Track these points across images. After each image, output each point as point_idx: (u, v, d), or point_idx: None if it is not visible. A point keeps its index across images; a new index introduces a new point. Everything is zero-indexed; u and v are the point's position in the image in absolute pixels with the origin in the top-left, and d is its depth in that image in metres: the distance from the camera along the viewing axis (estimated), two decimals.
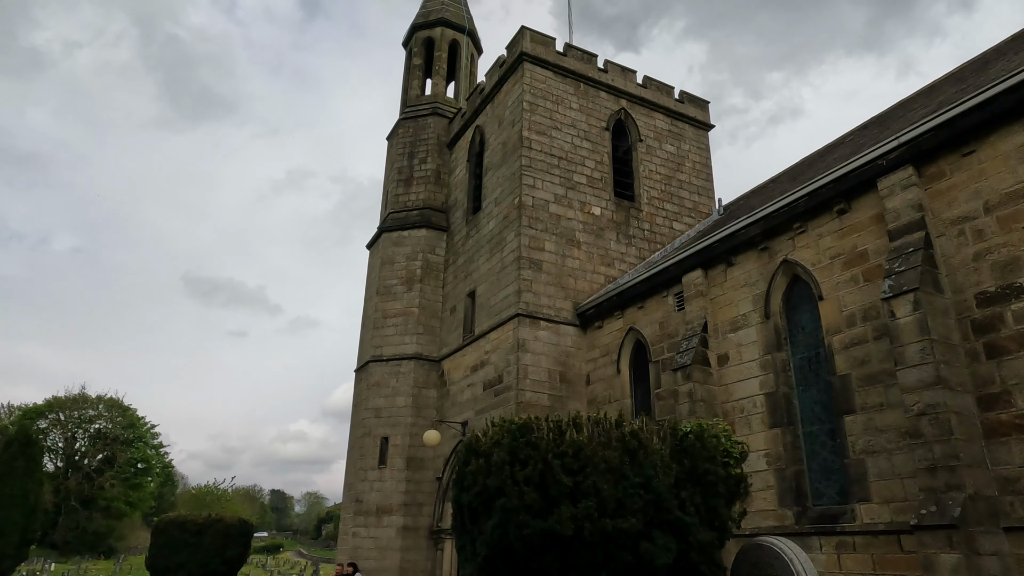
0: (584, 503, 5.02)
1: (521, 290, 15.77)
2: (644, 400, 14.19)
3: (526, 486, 5.19)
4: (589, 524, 4.96)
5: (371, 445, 18.50)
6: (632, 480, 5.18)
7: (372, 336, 19.89)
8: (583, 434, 5.44)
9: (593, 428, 5.52)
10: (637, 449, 5.40)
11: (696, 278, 12.86)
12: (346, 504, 18.81)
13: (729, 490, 5.91)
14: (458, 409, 17.52)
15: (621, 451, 5.32)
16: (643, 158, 19.33)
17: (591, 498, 5.04)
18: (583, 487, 5.11)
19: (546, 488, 5.17)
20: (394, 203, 21.74)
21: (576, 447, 5.28)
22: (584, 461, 5.23)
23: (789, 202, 11.07)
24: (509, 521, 5.10)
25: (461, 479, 5.93)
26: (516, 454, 5.39)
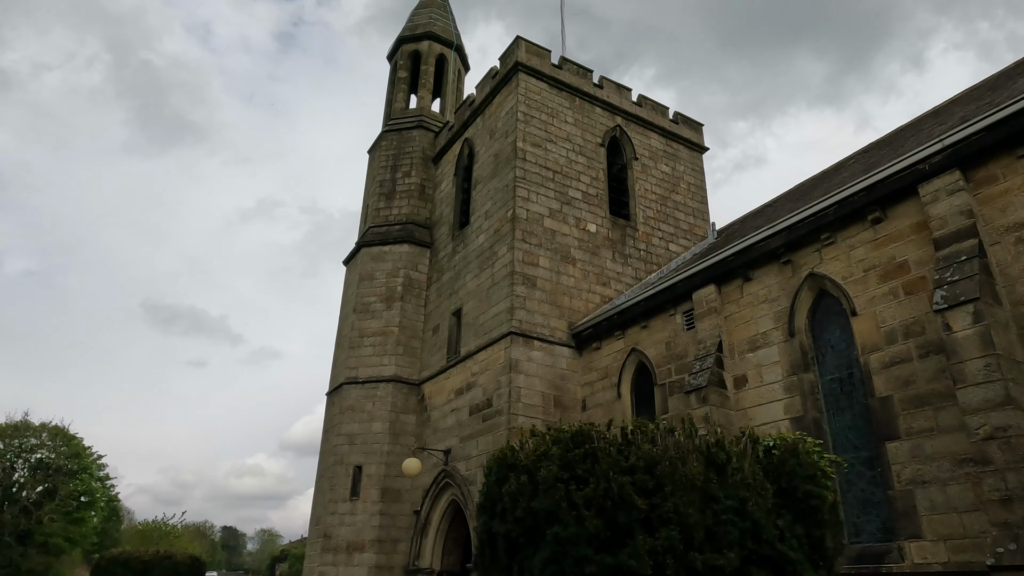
0: (664, 532, 3.92)
1: (514, 307, 14.70)
2: None
3: (586, 510, 4.06)
4: (672, 559, 3.87)
5: (343, 474, 16.99)
6: (723, 503, 4.11)
7: (347, 356, 18.51)
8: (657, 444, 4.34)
9: (665, 438, 4.44)
10: (725, 464, 4.33)
11: (708, 294, 11.98)
12: (312, 540, 17.17)
13: (833, 518, 4.85)
14: (440, 436, 16.20)
15: (704, 465, 4.25)
16: (638, 177, 18.63)
17: (672, 526, 3.95)
18: (662, 512, 4.02)
19: (612, 513, 4.06)
20: (374, 217, 20.61)
21: (649, 460, 4.20)
22: (660, 478, 4.14)
23: (816, 212, 10.31)
24: (565, 555, 3.96)
25: (492, 502, 4.78)
26: (571, 468, 4.26)
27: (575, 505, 4.08)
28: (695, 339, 12.14)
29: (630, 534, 3.95)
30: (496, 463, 5.10)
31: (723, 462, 4.33)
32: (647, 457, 4.20)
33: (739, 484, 4.23)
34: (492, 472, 5.06)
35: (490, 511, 4.80)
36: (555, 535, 4.01)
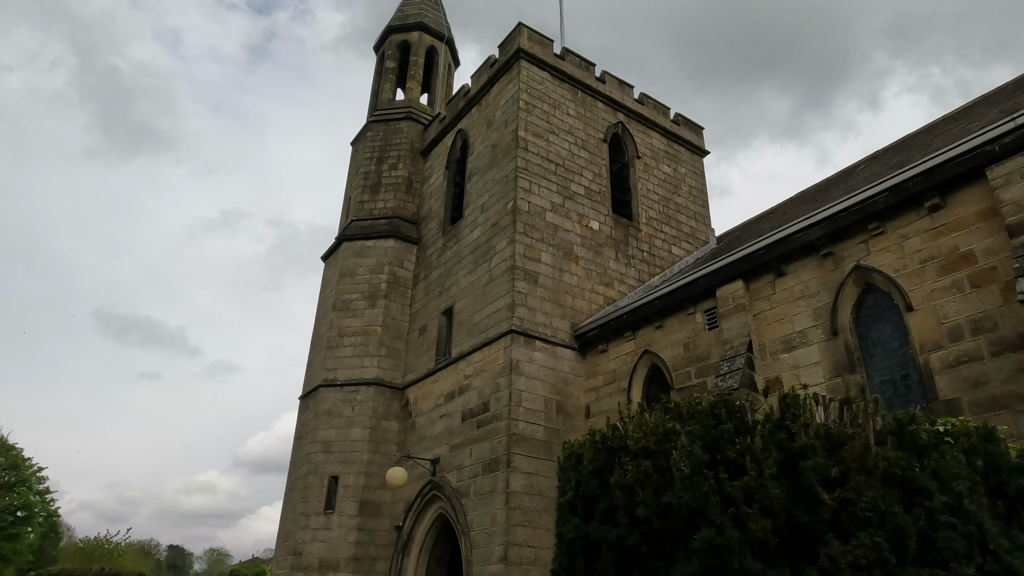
0: (864, 538, 2.84)
1: (515, 303, 13.56)
2: None
3: (747, 506, 2.96)
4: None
5: (317, 485, 15.48)
6: (936, 500, 3.05)
7: (325, 357, 17.07)
8: (840, 421, 3.25)
9: (842, 409, 3.36)
10: (927, 447, 3.27)
11: (735, 291, 11.04)
12: (280, 557, 15.58)
13: None
14: (427, 444, 14.87)
15: (907, 450, 3.18)
16: (641, 176, 17.79)
17: (873, 529, 2.87)
18: (856, 509, 2.94)
19: (785, 510, 2.96)
20: (357, 210, 19.30)
21: (833, 440, 3.12)
22: (846, 464, 3.06)
23: (862, 200, 9.48)
24: (721, 569, 2.85)
25: (588, 499, 3.65)
26: (717, 450, 3.15)
27: (730, 500, 2.99)
28: (719, 339, 11.17)
29: (814, 539, 2.89)
30: (591, 447, 3.98)
31: (924, 445, 3.28)
32: (827, 435, 3.13)
33: (950, 475, 3.19)
34: (582, 461, 3.94)
35: (585, 511, 3.66)
36: (707, 542, 2.91)
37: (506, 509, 11.78)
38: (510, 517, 11.72)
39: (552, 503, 12.46)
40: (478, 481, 12.74)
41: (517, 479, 12.07)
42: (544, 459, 12.58)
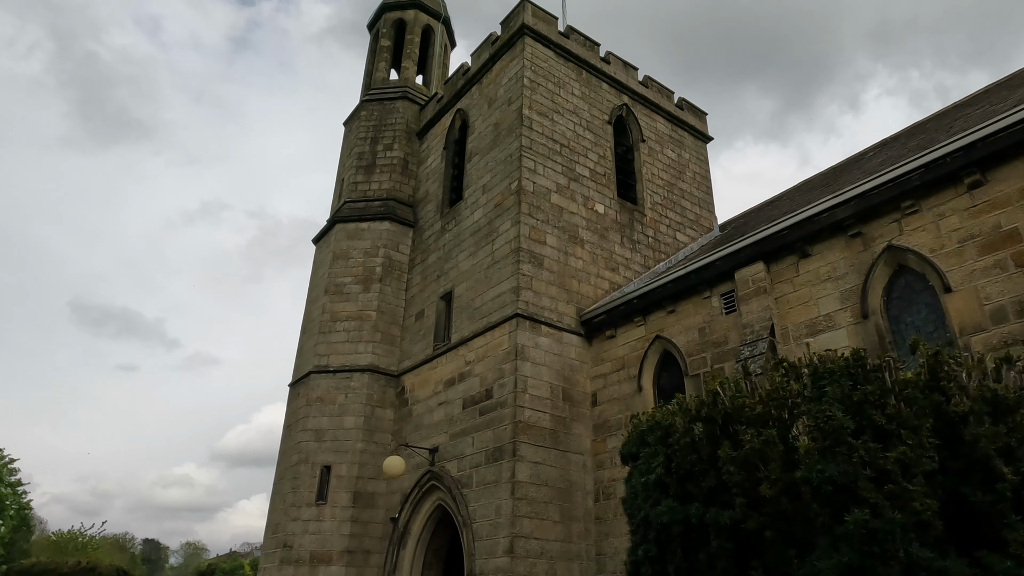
0: None
1: (520, 287, 13.01)
2: None
3: (906, 482, 2.44)
4: None
5: (308, 475, 14.83)
6: None
7: (317, 342, 16.40)
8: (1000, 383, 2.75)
9: (1000, 369, 2.86)
10: None
11: (755, 273, 10.59)
12: (269, 550, 14.91)
13: None
14: (424, 433, 14.29)
15: None
16: (646, 160, 17.32)
17: None
18: None
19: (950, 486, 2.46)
20: (351, 192, 18.61)
21: (1000, 404, 2.61)
22: (1019, 431, 2.56)
23: (895, 177, 9.05)
24: (883, 557, 2.33)
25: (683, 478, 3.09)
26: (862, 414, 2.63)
27: (884, 474, 2.48)
28: (738, 323, 10.72)
29: (991, 521, 2.40)
30: (683, 415, 3.44)
31: None
32: (994, 399, 2.63)
33: None
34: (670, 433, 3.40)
35: (681, 491, 3.13)
36: (861, 525, 2.39)
37: (512, 499, 11.25)
38: (516, 508, 11.20)
39: (560, 494, 11.99)
40: (481, 471, 12.20)
41: (523, 468, 11.54)
42: (550, 448, 12.07)
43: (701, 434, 3.38)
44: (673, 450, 3.52)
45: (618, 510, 11.45)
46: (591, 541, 11.92)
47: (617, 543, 11.47)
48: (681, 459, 3.37)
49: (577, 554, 11.65)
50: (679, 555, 3.23)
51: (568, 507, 11.88)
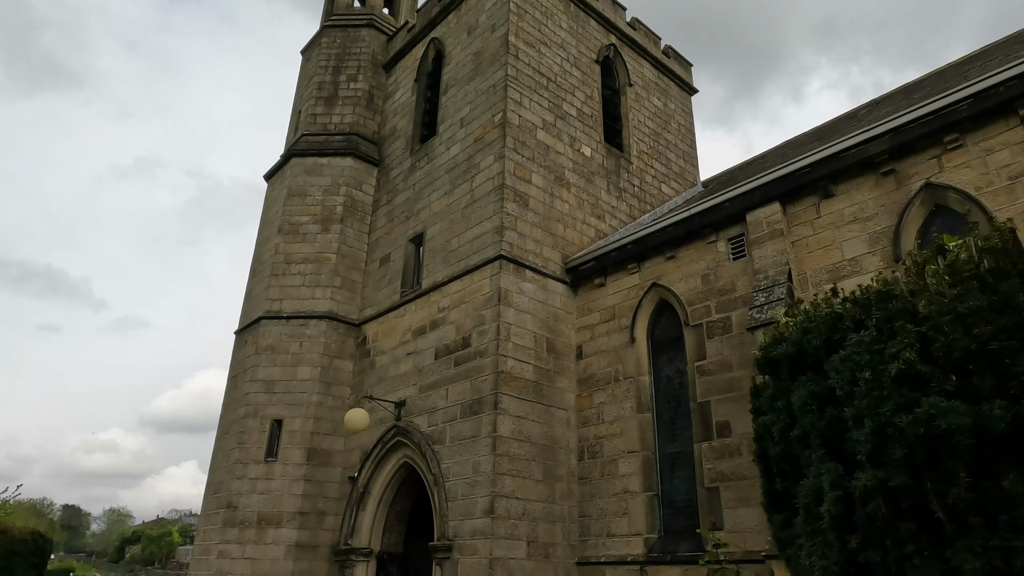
0: None
1: (504, 226, 11.82)
2: (672, 378, 10.73)
3: None
4: None
5: (256, 429, 13.40)
6: None
7: (268, 286, 14.82)
8: None
9: None
10: None
11: (770, 215, 9.71)
12: (210, 511, 13.45)
13: None
14: (389, 386, 13.04)
15: None
16: (632, 105, 16.26)
17: None
18: None
19: None
20: (309, 124, 16.89)
21: None
22: None
23: (938, 109, 8.25)
24: None
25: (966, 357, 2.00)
26: None
27: None
28: (748, 269, 9.85)
29: None
30: (877, 297, 2.41)
31: None
32: None
33: None
34: (922, 300, 2.35)
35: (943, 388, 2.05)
36: None
37: (493, 456, 10.19)
38: (497, 465, 10.14)
39: (543, 451, 10.99)
40: (456, 425, 11.08)
41: (505, 422, 10.48)
42: (534, 402, 11.04)
43: (997, 296, 2.37)
44: (934, 324, 2.52)
45: (604, 470, 10.57)
46: (574, 502, 11.01)
47: (603, 505, 10.60)
48: (953, 339, 2.34)
49: (560, 516, 10.73)
50: (961, 477, 2.21)
51: (551, 466, 10.91)
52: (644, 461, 10.34)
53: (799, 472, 2.82)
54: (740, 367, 9.48)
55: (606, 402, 11.19)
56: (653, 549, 9.74)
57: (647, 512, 10.04)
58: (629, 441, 10.60)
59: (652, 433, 10.49)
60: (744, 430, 9.14)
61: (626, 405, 10.86)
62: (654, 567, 9.59)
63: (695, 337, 10.27)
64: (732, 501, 8.99)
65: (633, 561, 9.84)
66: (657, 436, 10.50)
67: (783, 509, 3.11)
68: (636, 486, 10.27)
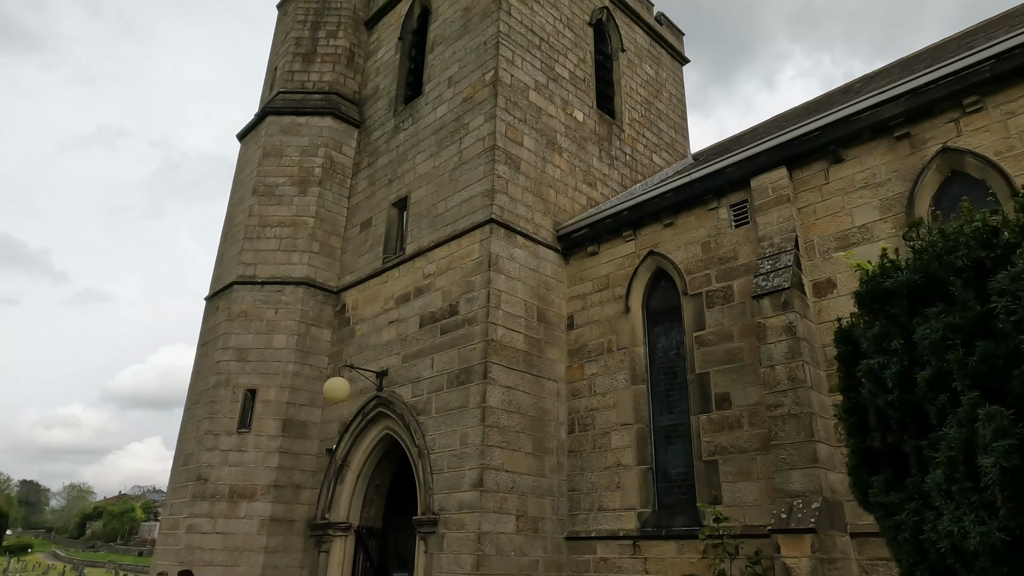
0: None
1: (495, 189, 11.27)
2: (668, 349, 10.38)
3: None
4: None
5: (228, 399, 12.75)
6: None
7: (242, 250, 14.07)
8: None
9: None
10: None
11: (776, 180, 9.33)
12: (178, 484, 12.81)
13: None
14: (370, 355, 12.49)
15: None
16: (624, 72, 15.75)
17: None
18: None
19: None
20: (285, 81, 16.03)
21: None
22: None
23: (959, 70, 7.91)
24: None
25: None
26: None
27: None
28: (752, 237, 9.49)
29: None
30: None
31: None
32: None
33: None
34: None
35: None
36: None
37: (482, 427, 9.75)
38: (487, 436, 9.71)
39: (533, 423, 10.58)
40: (442, 396, 10.60)
41: (495, 392, 10.03)
42: (524, 372, 10.61)
43: None
44: None
45: (596, 443, 10.22)
46: (564, 476, 10.65)
47: (594, 479, 10.26)
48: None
49: (549, 490, 10.36)
50: None
51: (540, 438, 10.52)
52: (638, 434, 10.00)
53: (922, 423, 2.42)
54: (742, 337, 9.15)
55: (598, 373, 10.81)
56: (647, 524, 9.44)
57: (641, 486, 9.72)
58: (623, 413, 10.25)
59: (647, 405, 10.15)
60: (745, 402, 8.84)
61: (620, 376, 10.49)
62: (648, 542, 9.29)
63: (694, 307, 9.90)
64: (731, 475, 8.70)
65: (626, 536, 9.54)
66: (652, 408, 10.16)
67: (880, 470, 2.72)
68: (629, 459, 9.93)
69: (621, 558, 9.51)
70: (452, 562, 9.38)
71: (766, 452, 8.42)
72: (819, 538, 6.96)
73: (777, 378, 7.99)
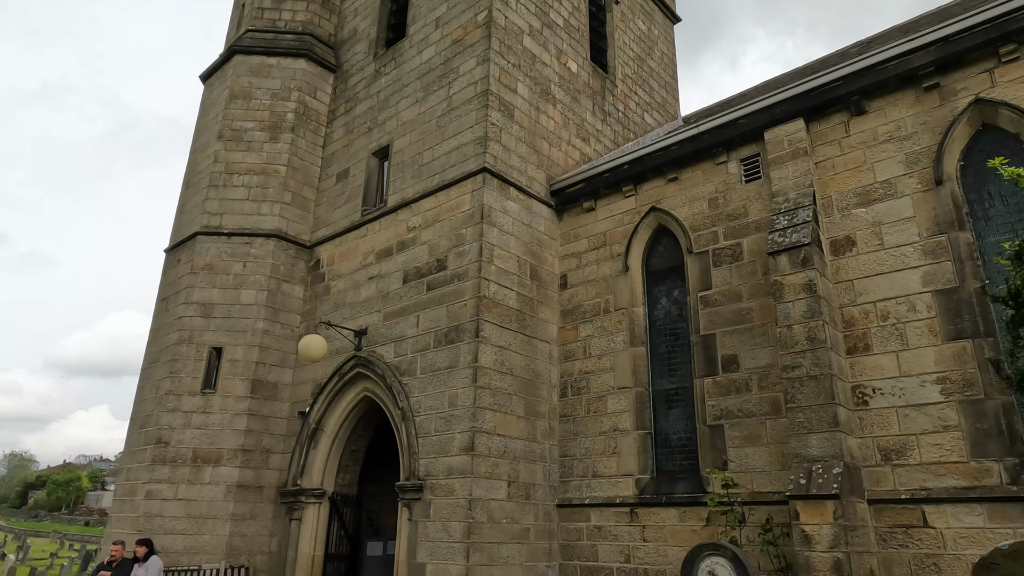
0: None
1: (488, 137, 10.52)
2: (669, 310, 9.88)
3: None
4: None
5: (192, 357, 11.83)
6: None
7: (206, 198, 13.02)
8: None
9: None
10: None
11: (793, 132, 8.83)
12: (136, 448, 11.88)
13: None
14: (348, 313, 11.71)
15: None
16: (618, 25, 15.04)
17: None
18: None
19: None
20: (254, 19, 14.83)
21: None
22: None
23: (993, 17, 7.47)
24: None
25: None
26: None
27: None
28: (764, 192, 9.00)
29: None
30: None
31: None
32: None
33: None
34: None
35: None
36: None
37: (473, 388, 9.13)
38: (479, 398, 9.10)
39: (525, 386, 9.99)
40: (429, 355, 9.93)
41: (487, 352, 9.41)
42: (516, 331, 10.00)
43: None
44: None
45: (590, 407, 9.72)
46: (555, 442, 10.14)
47: (588, 444, 9.78)
48: None
49: (541, 455, 9.84)
50: None
51: (533, 402, 9.96)
52: (636, 398, 9.52)
53: None
54: (752, 296, 8.70)
55: (594, 335, 10.27)
56: (645, 490, 9.01)
57: (639, 452, 9.26)
58: (620, 376, 9.75)
59: (646, 368, 9.67)
60: (755, 364, 8.42)
61: (617, 338, 9.97)
62: (646, 509, 8.87)
63: (699, 265, 9.41)
64: (739, 440, 8.30)
65: (623, 503, 9.10)
66: (651, 371, 9.68)
67: None
68: (627, 424, 9.46)
69: (617, 526, 9.08)
70: (440, 530, 8.81)
71: (777, 416, 8.03)
72: (842, 504, 6.59)
73: (795, 338, 7.56)
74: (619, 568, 8.92)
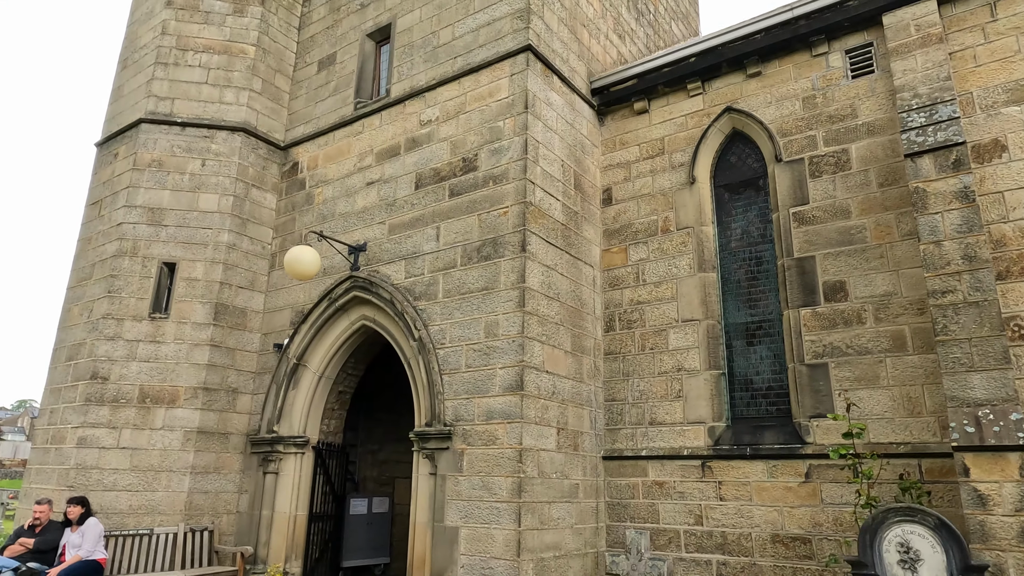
0: None
1: (530, 9, 8.49)
2: (747, 230, 8.31)
3: None
4: None
5: (136, 274, 9.44)
6: None
7: (152, 78, 10.40)
8: None
9: None
10: None
11: (923, 15, 7.28)
12: (62, 384, 9.46)
13: None
14: (338, 226, 9.58)
15: None
16: None
17: None
18: None
19: None
20: None
21: None
22: None
23: None
24: None
25: None
26: None
27: None
28: (879, 89, 7.46)
29: None
30: None
31: None
32: None
33: None
34: None
35: None
36: None
37: (521, 313, 7.33)
38: (527, 326, 7.32)
39: (572, 315, 8.21)
40: (455, 274, 8.02)
41: (535, 271, 7.60)
42: (563, 250, 8.22)
43: None
44: None
45: (645, 343, 8.14)
46: (600, 383, 8.52)
47: (644, 386, 8.22)
48: None
49: (587, 399, 8.22)
50: None
51: (579, 335, 8.27)
52: (707, 331, 7.98)
53: None
54: (864, 212, 7.22)
55: (649, 259, 8.62)
56: (721, 441, 7.55)
57: (712, 395, 7.77)
58: (686, 307, 8.17)
59: (717, 297, 8.12)
60: (869, 292, 6.99)
61: (680, 262, 8.35)
62: (723, 462, 7.42)
63: (791, 176, 7.84)
64: (848, 381, 6.91)
65: (692, 455, 7.62)
66: (723, 302, 8.15)
67: None
68: (695, 363, 7.93)
69: (684, 482, 7.62)
70: (478, 486, 7.07)
71: (902, 353, 6.66)
72: None
73: (946, 257, 6.13)
74: (687, 531, 7.49)
